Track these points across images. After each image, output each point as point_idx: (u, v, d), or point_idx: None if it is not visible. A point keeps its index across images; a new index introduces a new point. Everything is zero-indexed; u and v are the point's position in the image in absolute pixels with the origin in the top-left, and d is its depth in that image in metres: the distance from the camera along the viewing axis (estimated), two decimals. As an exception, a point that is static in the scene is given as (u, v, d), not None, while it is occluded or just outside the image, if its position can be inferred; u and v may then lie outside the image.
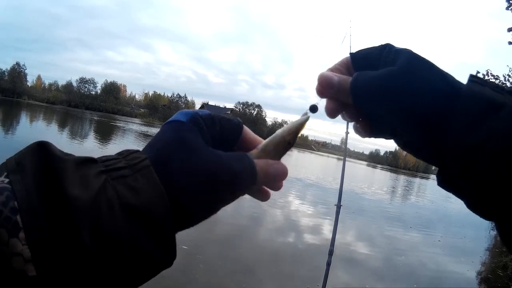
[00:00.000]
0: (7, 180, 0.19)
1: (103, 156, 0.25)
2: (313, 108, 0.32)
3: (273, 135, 0.30)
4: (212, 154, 0.26)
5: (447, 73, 0.30)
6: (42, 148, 0.21)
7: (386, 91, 0.29)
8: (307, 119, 0.30)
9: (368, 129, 0.34)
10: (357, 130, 0.34)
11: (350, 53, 0.33)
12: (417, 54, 0.30)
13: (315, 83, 0.31)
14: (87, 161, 0.22)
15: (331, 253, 1.75)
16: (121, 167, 0.23)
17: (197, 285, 2.78)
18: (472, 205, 0.29)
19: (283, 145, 0.29)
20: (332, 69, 0.33)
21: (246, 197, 0.30)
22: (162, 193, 0.23)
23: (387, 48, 0.31)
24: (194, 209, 0.25)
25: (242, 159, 0.27)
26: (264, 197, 0.31)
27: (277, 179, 0.29)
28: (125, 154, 0.25)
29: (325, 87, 0.31)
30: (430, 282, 4.04)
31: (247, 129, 0.31)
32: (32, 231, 0.18)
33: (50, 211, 0.19)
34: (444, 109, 0.28)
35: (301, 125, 0.30)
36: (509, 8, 5.12)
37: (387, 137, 0.34)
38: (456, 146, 0.27)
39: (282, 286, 3.16)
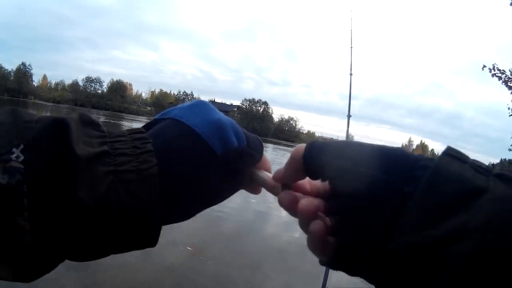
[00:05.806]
0: (21, 158, 0.21)
1: (119, 139, 0.26)
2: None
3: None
4: (219, 188, 0.30)
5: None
6: (59, 132, 0.23)
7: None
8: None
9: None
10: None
11: None
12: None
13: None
14: (100, 156, 0.23)
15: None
16: (129, 170, 0.24)
17: (206, 280, 2.82)
18: None
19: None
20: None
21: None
22: (157, 202, 0.24)
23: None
24: (185, 216, 0.29)
25: (235, 189, 0.32)
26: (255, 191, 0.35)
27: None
28: (140, 150, 0.25)
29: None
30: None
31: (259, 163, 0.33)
32: (36, 216, 0.21)
33: (55, 202, 0.21)
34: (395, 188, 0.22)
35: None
36: None
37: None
38: (403, 245, 0.20)
39: (288, 280, 3.18)
